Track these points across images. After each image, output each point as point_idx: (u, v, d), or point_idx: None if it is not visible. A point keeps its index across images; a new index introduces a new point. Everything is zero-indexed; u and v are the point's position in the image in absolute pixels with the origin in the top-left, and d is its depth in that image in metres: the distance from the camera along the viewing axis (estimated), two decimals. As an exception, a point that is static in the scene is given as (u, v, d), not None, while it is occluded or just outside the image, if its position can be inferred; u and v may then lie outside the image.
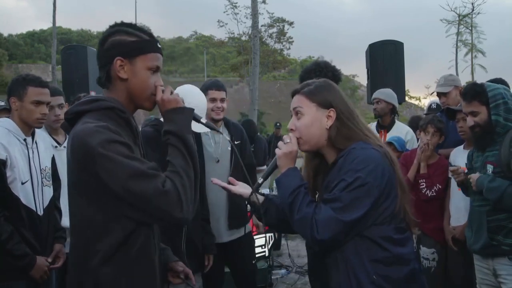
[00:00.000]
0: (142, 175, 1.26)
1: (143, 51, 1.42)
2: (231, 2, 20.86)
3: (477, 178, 2.33)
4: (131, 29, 1.44)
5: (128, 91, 1.44)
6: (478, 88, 2.34)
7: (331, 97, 1.61)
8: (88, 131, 1.29)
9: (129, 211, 1.30)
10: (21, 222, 2.18)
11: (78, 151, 1.29)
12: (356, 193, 1.43)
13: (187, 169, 1.35)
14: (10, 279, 2.14)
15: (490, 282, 2.39)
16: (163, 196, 1.26)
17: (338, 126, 1.58)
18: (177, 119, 1.42)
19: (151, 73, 1.44)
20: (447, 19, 22.55)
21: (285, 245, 5.41)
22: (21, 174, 2.20)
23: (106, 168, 1.25)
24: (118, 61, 1.40)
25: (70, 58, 5.84)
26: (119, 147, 1.29)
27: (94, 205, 1.31)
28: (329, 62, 2.40)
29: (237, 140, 3.04)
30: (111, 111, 1.40)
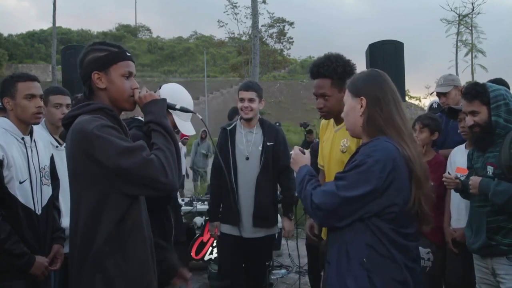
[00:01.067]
0: (130, 151, 1.48)
1: (114, 62, 1.66)
2: (231, 2, 20.88)
3: (480, 181, 2.30)
4: (101, 46, 1.68)
5: (109, 98, 1.67)
6: (479, 88, 2.34)
7: (362, 86, 1.73)
8: (84, 121, 1.54)
9: (123, 186, 1.50)
10: (19, 222, 2.17)
11: (77, 137, 1.51)
12: (360, 175, 1.56)
13: (167, 145, 1.58)
14: (9, 278, 2.14)
15: (489, 282, 2.39)
16: (148, 164, 1.47)
17: (368, 116, 1.69)
18: (154, 109, 1.68)
19: (125, 79, 1.68)
20: (447, 19, 22.56)
21: (285, 245, 5.41)
22: (19, 173, 2.19)
23: (100, 148, 1.47)
24: (95, 75, 1.65)
25: (70, 58, 5.82)
26: (111, 130, 1.52)
27: (93, 188, 1.52)
28: (342, 55, 2.29)
29: (270, 141, 3.13)
30: (101, 110, 1.63)
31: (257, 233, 3.09)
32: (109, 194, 1.52)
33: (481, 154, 2.42)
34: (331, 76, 2.23)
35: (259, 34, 15.27)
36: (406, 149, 1.60)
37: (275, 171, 3.18)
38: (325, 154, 2.48)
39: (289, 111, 32.77)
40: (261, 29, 20.51)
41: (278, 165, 3.17)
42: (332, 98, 2.26)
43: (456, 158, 2.97)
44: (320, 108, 2.33)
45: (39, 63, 38.21)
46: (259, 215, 3.05)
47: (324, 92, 2.27)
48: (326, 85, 2.26)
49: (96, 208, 1.52)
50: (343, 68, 2.23)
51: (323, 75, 2.24)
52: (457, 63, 22.30)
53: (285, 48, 24.29)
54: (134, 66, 1.74)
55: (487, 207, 2.32)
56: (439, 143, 3.38)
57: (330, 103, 2.28)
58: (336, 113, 2.31)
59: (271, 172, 3.11)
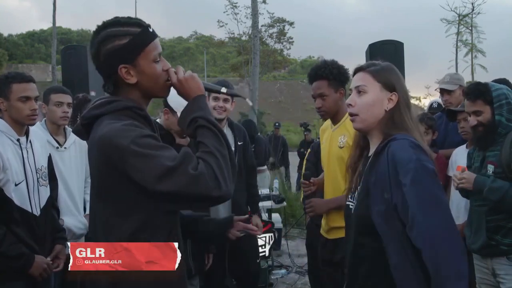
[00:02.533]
0: (173, 170, 1.21)
1: (141, 48, 1.34)
2: (231, 2, 20.83)
3: (475, 177, 2.32)
4: (117, 28, 1.34)
5: (141, 90, 1.40)
6: (482, 88, 2.35)
7: (395, 81, 1.60)
8: (116, 130, 1.26)
9: (169, 206, 1.30)
10: (15, 223, 2.15)
11: (107, 152, 1.25)
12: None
13: (220, 148, 1.30)
14: (9, 280, 2.13)
15: (489, 282, 2.39)
16: (197, 181, 1.21)
17: (395, 111, 1.57)
18: (203, 104, 1.39)
19: (157, 63, 1.38)
20: (447, 19, 22.52)
21: (285, 245, 5.41)
22: (14, 175, 2.16)
23: (137, 168, 1.22)
24: (122, 69, 1.34)
25: (70, 58, 5.83)
26: (150, 141, 1.26)
27: (129, 211, 1.30)
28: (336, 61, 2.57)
29: (240, 141, 3.12)
30: (129, 110, 1.36)
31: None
32: (153, 216, 1.31)
33: (481, 153, 2.43)
34: (327, 77, 2.48)
35: (259, 34, 15.26)
36: (424, 146, 1.55)
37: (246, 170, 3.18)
38: (324, 154, 2.65)
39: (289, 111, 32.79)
40: (261, 29, 20.47)
41: (247, 164, 3.20)
42: (329, 97, 2.50)
43: (458, 158, 2.98)
44: (319, 108, 2.55)
45: (39, 63, 38.23)
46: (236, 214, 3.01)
47: (322, 92, 2.50)
48: (323, 85, 2.50)
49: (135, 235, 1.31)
50: (338, 70, 2.50)
51: (321, 76, 2.49)
52: (457, 63, 22.26)
53: (285, 48, 24.26)
54: (159, 43, 1.41)
55: (486, 206, 2.32)
56: (439, 143, 3.39)
57: (327, 102, 2.51)
58: (333, 113, 2.56)
59: (243, 171, 3.09)
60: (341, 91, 2.53)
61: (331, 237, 2.50)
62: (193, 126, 1.36)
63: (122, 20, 1.36)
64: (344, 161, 2.37)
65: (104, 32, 1.34)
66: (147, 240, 1.32)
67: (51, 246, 2.35)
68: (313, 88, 2.55)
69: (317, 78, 2.51)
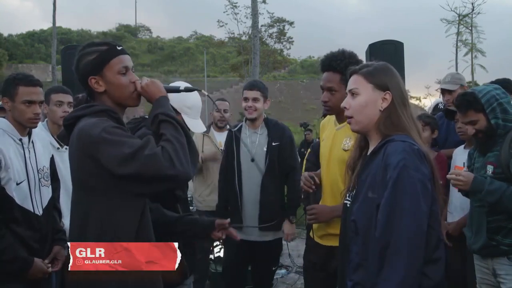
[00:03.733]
0: (131, 156, 1.40)
1: (106, 62, 1.59)
2: (231, 2, 20.87)
3: (473, 179, 2.30)
4: (90, 48, 1.61)
5: (111, 99, 1.62)
6: (469, 98, 2.32)
7: (388, 80, 1.61)
8: (91, 123, 1.48)
9: (133, 188, 1.45)
10: (16, 223, 2.15)
11: (83, 142, 1.46)
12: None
13: (177, 135, 1.50)
14: (8, 281, 2.12)
15: (489, 282, 2.39)
16: (151, 160, 1.39)
17: (391, 111, 1.58)
18: (163, 103, 1.61)
19: (122, 75, 1.61)
20: (447, 19, 22.54)
21: (285, 245, 5.39)
22: (16, 174, 2.17)
23: (105, 153, 1.41)
24: (91, 80, 1.59)
25: (70, 58, 5.78)
26: (119, 131, 1.47)
27: (103, 195, 1.47)
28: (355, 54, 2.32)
29: (275, 142, 3.03)
30: (105, 113, 1.58)
31: (264, 236, 3.00)
32: (121, 203, 1.48)
33: (482, 153, 2.43)
34: (342, 71, 2.19)
35: (259, 34, 15.27)
36: (423, 146, 1.56)
37: (282, 172, 3.09)
38: (323, 153, 2.43)
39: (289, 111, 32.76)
40: (261, 29, 20.49)
41: (285, 165, 3.08)
42: (339, 93, 2.22)
43: (456, 158, 2.98)
44: (325, 102, 2.30)
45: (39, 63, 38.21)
46: (265, 218, 2.95)
47: (332, 86, 2.25)
48: (335, 79, 2.24)
49: (107, 219, 1.47)
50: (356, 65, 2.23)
51: (334, 68, 2.23)
52: (457, 63, 22.30)
53: (285, 48, 24.29)
54: (129, 59, 1.65)
55: (487, 206, 2.32)
56: (441, 143, 3.39)
57: (335, 98, 2.25)
58: (339, 110, 2.21)
59: (277, 173, 3.03)
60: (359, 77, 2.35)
61: (326, 244, 2.33)
62: (156, 122, 1.57)
63: (96, 42, 1.67)
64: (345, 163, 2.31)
65: (81, 52, 1.63)
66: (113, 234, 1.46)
67: (51, 247, 2.35)
68: (323, 78, 2.29)
69: (330, 69, 2.25)
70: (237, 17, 21.14)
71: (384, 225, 1.44)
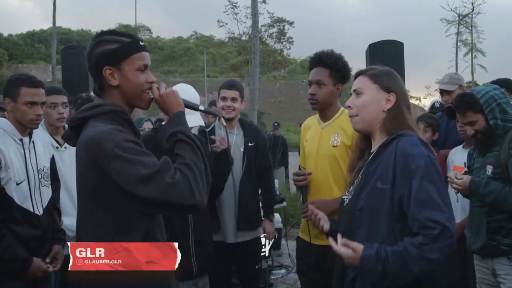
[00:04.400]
0: (150, 178, 1.31)
1: (127, 55, 1.47)
2: (231, 2, 20.80)
3: (470, 181, 2.32)
4: (111, 36, 1.50)
5: (123, 95, 1.50)
6: (468, 99, 2.33)
7: (393, 83, 1.68)
8: (102, 134, 1.36)
9: (144, 209, 1.38)
10: (16, 223, 2.15)
11: (93, 153, 1.35)
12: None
13: (197, 161, 1.40)
14: (8, 280, 2.13)
15: (489, 282, 2.39)
16: (172, 189, 1.31)
17: (397, 111, 1.64)
18: (182, 120, 1.50)
19: (140, 73, 1.50)
20: (447, 19, 22.53)
21: (285, 245, 5.41)
22: (16, 174, 2.17)
23: (119, 170, 1.32)
24: (106, 71, 1.47)
25: (70, 58, 5.82)
26: (134, 146, 1.37)
27: (110, 208, 1.39)
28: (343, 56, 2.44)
29: (251, 142, 3.01)
30: (114, 114, 1.47)
31: (243, 237, 2.95)
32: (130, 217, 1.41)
33: (482, 154, 2.43)
34: (331, 66, 2.34)
35: (259, 34, 15.26)
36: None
37: (257, 172, 3.07)
38: (310, 153, 2.49)
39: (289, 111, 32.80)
40: (261, 29, 20.47)
41: (260, 166, 3.08)
42: (326, 87, 2.36)
43: (454, 157, 2.98)
44: (313, 95, 2.39)
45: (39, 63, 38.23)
46: (243, 218, 2.91)
47: (321, 80, 2.37)
48: (324, 73, 2.37)
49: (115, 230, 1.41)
50: (343, 64, 2.38)
51: (325, 63, 2.36)
52: (457, 63, 22.28)
53: (285, 48, 24.25)
54: (149, 57, 1.54)
55: (486, 207, 2.32)
56: (440, 143, 3.39)
57: (323, 92, 2.37)
58: (326, 105, 2.41)
59: (253, 173, 3.01)
60: (339, 86, 2.41)
61: (319, 243, 2.34)
62: (172, 140, 1.46)
63: (118, 31, 1.54)
64: (337, 161, 2.33)
65: (99, 38, 1.51)
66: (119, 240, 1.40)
67: (51, 247, 2.35)
68: (312, 73, 2.41)
69: (319, 64, 2.38)
70: (237, 17, 21.09)
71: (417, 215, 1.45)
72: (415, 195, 1.46)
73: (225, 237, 2.91)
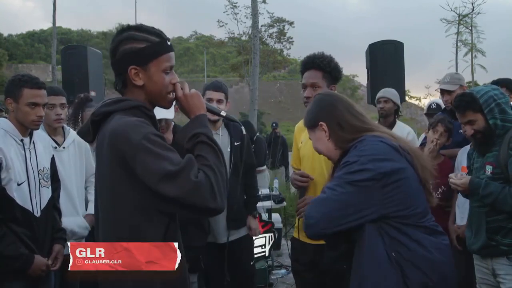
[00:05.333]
0: (175, 175, 1.27)
1: (154, 56, 1.43)
2: (231, 2, 20.80)
3: (469, 181, 2.34)
4: (139, 33, 1.44)
5: (146, 95, 1.47)
6: (467, 98, 2.33)
7: (316, 114, 1.78)
8: (129, 124, 1.33)
9: (163, 207, 1.35)
10: (16, 223, 2.15)
11: (119, 145, 1.31)
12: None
13: (219, 165, 1.38)
14: (8, 280, 2.13)
15: (489, 282, 2.39)
16: (196, 189, 1.28)
17: (335, 132, 1.73)
18: (205, 122, 1.48)
19: (165, 74, 1.46)
20: (447, 19, 22.53)
21: (285, 245, 5.40)
22: (17, 175, 2.17)
23: (143, 164, 1.28)
24: (132, 70, 1.42)
25: (70, 58, 5.83)
26: (160, 140, 1.33)
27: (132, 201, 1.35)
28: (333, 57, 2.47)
29: (236, 141, 3.02)
30: (137, 109, 1.44)
31: (233, 235, 2.96)
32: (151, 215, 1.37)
33: (481, 154, 2.43)
34: (324, 68, 2.39)
35: (259, 34, 15.25)
36: (386, 136, 1.65)
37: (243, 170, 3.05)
38: (305, 154, 2.52)
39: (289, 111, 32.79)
40: (261, 29, 20.46)
41: (246, 164, 3.06)
42: (321, 90, 2.38)
43: (462, 158, 2.97)
44: (308, 98, 2.42)
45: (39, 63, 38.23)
46: (233, 218, 2.92)
47: (315, 82, 2.41)
48: (317, 76, 2.41)
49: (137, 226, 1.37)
50: (335, 65, 2.42)
51: (318, 66, 2.40)
52: (457, 63, 22.28)
53: (285, 48, 24.25)
54: (174, 57, 1.50)
55: (486, 207, 2.32)
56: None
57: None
58: None
59: (240, 172, 2.99)
60: (332, 87, 2.43)
61: (313, 242, 2.29)
62: (193, 141, 1.43)
63: (145, 27, 1.47)
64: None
65: (127, 33, 1.44)
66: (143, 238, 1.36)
67: (50, 246, 2.35)
68: (305, 77, 2.44)
69: (312, 67, 2.42)
70: (237, 17, 21.09)
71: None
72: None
73: (216, 238, 2.92)
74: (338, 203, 1.53)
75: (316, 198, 1.60)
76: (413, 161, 1.62)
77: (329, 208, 1.53)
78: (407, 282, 1.50)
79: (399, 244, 1.52)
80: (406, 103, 24.79)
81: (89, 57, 5.74)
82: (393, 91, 3.77)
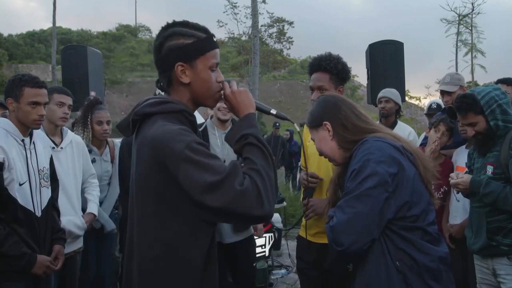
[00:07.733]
0: (218, 185, 1.21)
1: (202, 52, 1.38)
2: (231, 2, 20.80)
3: (470, 181, 2.34)
4: (185, 29, 1.39)
5: (192, 93, 1.42)
6: (469, 100, 2.32)
7: (320, 112, 1.77)
8: (171, 132, 1.27)
9: (207, 217, 1.29)
10: (19, 223, 2.16)
11: (161, 153, 1.25)
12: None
13: (267, 168, 1.30)
14: (9, 280, 2.13)
15: (490, 282, 2.39)
16: (240, 198, 1.21)
17: (339, 132, 1.71)
18: (254, 122, 1.41)
19: (212, 71, 1.41)
20: (447, 19, 22.54)
21: (285, 245, 5.41)
22: (18, 175, 2.18)
23: (187, 175, 1.22)
24: (179, 67, 1.37)
25: (70, 58, 5.82)
26: (203, 149, 1.27)
27: (176, 213, 1.28)
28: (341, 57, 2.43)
29: None
30: (180, 114, 1.38)
31: (238, 236, 2.98)
32: (194, 223, 1.29)
33: (482, 155, 2.43)
34: (331, 70, 2.35)
35: (259, 34, 15.25)
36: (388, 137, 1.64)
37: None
38: (313, 152, 2.45)
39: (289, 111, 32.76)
40: (261, 29, 20.46)
41: None
42: (329, 92, 2.35)
43: (458, 158, 2.98)
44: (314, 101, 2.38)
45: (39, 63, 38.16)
46: None
47: (322, 85, 2.38)
48: (325, 78, 2.37)
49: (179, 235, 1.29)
50: (342, 66, 2.37)
51: (324, 68, 2.36)
52: (457, 63, 22.28)
53: (285, 48, 24.24)
54: (219, 54, 1.45)
55: (486, 207, 2.32)
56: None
57: None
58: None
59: None
60: (340, 88, 2.42)
61: (319, 241, 2.37)
62: (242, 142, 1.36)
63: (191, 23, 1.42)
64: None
65: (172, 29, 1.39)
66: (184, 253, 1.30)
67: (50, 246, 2.35)
68: (313, 79, 2.42)
69: (319, 70, 2.39)
70: (237, 17, 21.08)
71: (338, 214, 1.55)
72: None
73: (222, 238, 2.92)
74: (362, 218, 1.48)
75: (339, 221, 1.50)
76: (415, 162, 1.62)
77: (356, 229, 1.48)
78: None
79: (403, 253, 1.51)
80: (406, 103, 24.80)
81: (89, 57, 5.72)
82: (394, 91, 3.77)
